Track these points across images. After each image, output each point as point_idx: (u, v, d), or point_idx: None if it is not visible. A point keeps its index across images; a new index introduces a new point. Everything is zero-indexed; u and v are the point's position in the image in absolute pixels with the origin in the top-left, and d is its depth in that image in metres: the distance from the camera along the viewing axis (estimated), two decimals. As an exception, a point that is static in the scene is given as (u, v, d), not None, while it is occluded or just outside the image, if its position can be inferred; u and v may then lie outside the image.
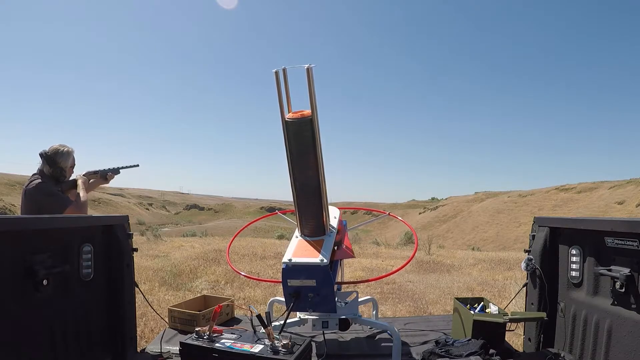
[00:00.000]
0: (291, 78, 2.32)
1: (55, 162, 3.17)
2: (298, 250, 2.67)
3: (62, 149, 3.20)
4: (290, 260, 2.56)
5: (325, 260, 2.53)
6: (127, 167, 3.67)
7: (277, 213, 4.16)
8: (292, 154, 2.47)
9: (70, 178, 3.36)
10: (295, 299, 2.54)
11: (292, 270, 2.54)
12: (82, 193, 3.26)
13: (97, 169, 3.52)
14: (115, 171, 3.58)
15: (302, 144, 2.42)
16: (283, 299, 3.45)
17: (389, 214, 4.27)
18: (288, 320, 2.62)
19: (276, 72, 2.27)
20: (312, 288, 2.54)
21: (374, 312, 3.67)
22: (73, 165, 3.31)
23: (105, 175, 3.51)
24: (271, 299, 3.54)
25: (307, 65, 2.22)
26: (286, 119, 2.37)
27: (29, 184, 3.15)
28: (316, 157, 2.46)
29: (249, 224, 4.37)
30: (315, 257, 2.56)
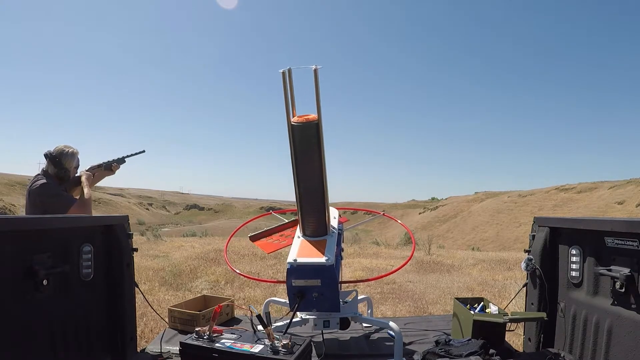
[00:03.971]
0: (294, 79, 2.32)
1: (60, 163, 3.18)
2: (302, 250, 2.68)
3: (67, 150, 3.21)
4: (295, 260, 2.56)
5: (330, 260, 2.55)
6: (132, 154, 3.57)
7: (271, 213, 4.18)
8: (297, 157, 2.48)
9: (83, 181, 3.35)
10: (300, 299, 2.55)
11: (297, 270, 2.55)
12: (86, 190, 3.26)
13: (100, 162, 3.48)
14: (121, 161, 3.51)
15: (307, 147, 2.42)
16: (280, 299, 3.46)
17: (383, 214, 4.28)
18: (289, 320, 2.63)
19: (283, 73, 2.26)
20: (316, 288, 2.55)
21: (369, 311, 3.69)
22: (77, 167, 3.32)
23: (110, 167, 3.47)
24: (268, 299, 3.55)
25: (313, 67, 2.20)
26: (292, 123, 2.36)
27: (32, 184, 3.15)
28: (320, 160, 2.48)
29: (243, 224, 4.38)
30: (320, 257, 2.58)
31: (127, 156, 3.54)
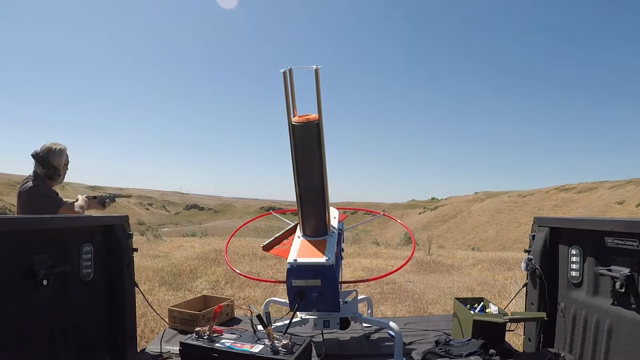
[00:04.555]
0: (295, 79, 2.32)
1: (49, 162, 3.11)
2: (302, 250, 2.68)
3: (54, 147, 3.14)
4: (295, 260, 2.56)
5: (331, 260, 2.55)
6: (121, 197, 4.24)
7: (271, 213, 4.19)
8: (298, 157, 2.48)
9: (73, 200, 3.35)
10: (300, 299, 2.55)
11: (297, 270, 2.55)
12: (79, 202, 3.28)
13: (96, 194, 3.70)
14: (112, 199, 3.75)
15: (308, 147, 2.43)
16: (280, 299, 3.46)
17: (383, 213, 4.28)
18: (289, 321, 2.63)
19: (283, 73, 2.26)
20: (317, 288, 2.55)
21: (369, 311, 3.69)
22: (67, 163, 3.26)
23: (103, 202, 3.60)
24: (268, 299, 3.55)
25: (314, 67, 2.21)
26: (293, 123, 2.36)
27: (22, 185, 3.11)
28: (321, 160, 2.48)
29: (244, 224, 4.40)
30: (320, 257, 2.58)
31: (117, 196, 3.94)
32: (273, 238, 3.30)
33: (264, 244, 3.26)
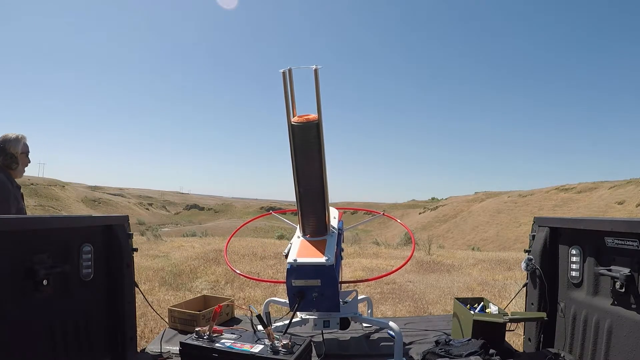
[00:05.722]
0: (294, 79, 2.32)
1: (5, 150, 3.05)
2: (302, 250, 2.68)
3: (10, 135, 3.10)
4: (295, 260, 2.56)
5: (330, 260, 2.55)
6: None
7: (271, 213, 4.19)
8: (297, 157, 2.48)
9: None
10: (300, 299, 2.55)
11: (297, 271, 2.55)
12: None
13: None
14: None
15: (308, 147, 2.43)
16: (280, 299, 3.46)
17: (383, 214, 4.28)
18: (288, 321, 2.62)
19: (283, 73, 2.27)
20: (316, 288, 2.55)
21: (369, 311, 3.70)
22: (26, 152, 3.18)
23: None
24: (268, 299, 3.55)
25: (314, 67, 2.21)
26: (292, 123, 2.37)
27: None
28: (321, 160, 2.48)
29: (244, 224, 4.41)
30: (320, 257, 2.58)
31: None
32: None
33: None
